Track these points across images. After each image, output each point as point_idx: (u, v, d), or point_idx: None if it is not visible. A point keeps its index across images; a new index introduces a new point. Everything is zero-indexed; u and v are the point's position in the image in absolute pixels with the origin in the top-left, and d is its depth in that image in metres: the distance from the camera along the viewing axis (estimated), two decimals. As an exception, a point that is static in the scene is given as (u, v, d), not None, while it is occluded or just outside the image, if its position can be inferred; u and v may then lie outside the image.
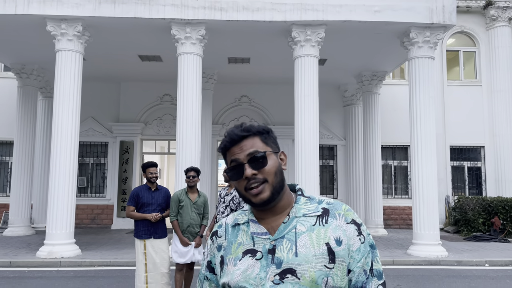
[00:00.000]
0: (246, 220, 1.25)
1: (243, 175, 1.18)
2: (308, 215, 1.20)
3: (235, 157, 1.21)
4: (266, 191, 1.17)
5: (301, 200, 1.24)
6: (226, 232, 1.27)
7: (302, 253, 1.13)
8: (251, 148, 1.20)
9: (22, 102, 11.84)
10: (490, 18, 14.05)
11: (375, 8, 8.78)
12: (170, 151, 14.29)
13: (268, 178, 1.17)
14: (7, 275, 7.15)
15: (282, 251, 1.14)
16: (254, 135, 1.23)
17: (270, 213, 1.22)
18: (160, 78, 13.20)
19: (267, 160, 1.19)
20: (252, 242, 1.19)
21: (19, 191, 11.60)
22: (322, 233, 1.16)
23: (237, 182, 1.21)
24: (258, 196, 1.17)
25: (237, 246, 1.21)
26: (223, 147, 1.25)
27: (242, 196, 1.21)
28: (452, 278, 7.23)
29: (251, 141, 1.22)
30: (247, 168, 1.18)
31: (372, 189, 12.42)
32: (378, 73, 12.42)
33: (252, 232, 1.21)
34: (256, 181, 1.17)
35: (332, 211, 1.21)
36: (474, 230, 12.02)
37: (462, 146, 14.14)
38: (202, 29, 8.84)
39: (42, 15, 8.51)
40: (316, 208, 1.22)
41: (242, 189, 1.20)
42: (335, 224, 1.18)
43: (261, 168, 1.18)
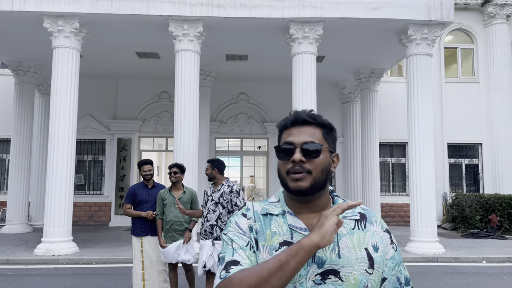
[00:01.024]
0: (281, 212, 1.20)
1: (291, 158, 1.15)
2: (347, 217, 1.18)
3: (291, 138, 1.18)
4: (306, 181, 1.13)
5: (339, 201, 1.22)
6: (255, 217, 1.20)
7: (345, 255, 1.11)
8: (310, 136, 1.17)
9: (19, 100, 11.79)
10: (488, 15, 14.05)
11: (373, 5, 8.77)
12: (168, 149, 14.27)
13: (313, 171, 1.14)
14: (5, 273, 7.14)
15: (325, 250, 1.11)
16: (318, 125, 1.20)
17: (307, 208, 1.18)
18: (157, 75, 13.16)
19: (320, 154, 1.16)
20: (290, 235, 1.14)
21: (16, 189, 11.57)
22: (362, 237, 1.16)
23: (282, 162, 1.18)
24: (297, 183, 1.14)
25: (272, 235, 1.16)
26: (283, 123, 1.22)
27: (281, 178, 1.18)
28: (449, 274, 7.25)
29: (313, 130, 1.19)
30: (298, 152, 1.15)
31: (370, 186, 12.43)
32: (376, 70, 12.42)
33: (290, 224, 1.16)
34: (300, 170, 1.14)
35: (369, 217, 1.21)
36: (471, 227, 12.06)
37: (459, 143, 14.17)
38: (199, 26, 8.82)
39: (38, 11, 8.46)
40: (353, 212, 1.20)
41: (284, 171, 1.16)
42: (372, 230, 1.19)
43: (311, 159, 1.15)
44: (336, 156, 1.24)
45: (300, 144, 1.16)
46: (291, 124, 1.20)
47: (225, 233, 1.20)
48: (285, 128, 1.22)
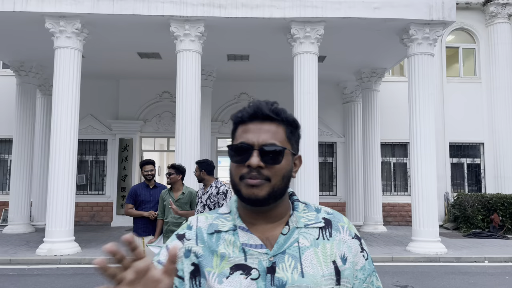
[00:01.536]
0: (231, 227, 1.00)
1: (247, 161, 0.96)
2: (310, 226, 1.01)
3: (247, 138, 0.98)
4: (263, 190, 0.95)
5: (300, 207, 1.04)
6: (197, 237, 1.00)
7: (309, 273, 0.94)
8: (271, 137, 0.98)
9: (21, 100, 11.82)
10: (489, 15, 14.03)
11: (375, 4, 8.76)
12: (169, 149, 14.28)
13: (272, 178, 0.96)
14: (7, 273, 7.16)
15: (285, 270, 0.94)
16: (282, 122, 1.01)
17: (263, 219, 1.00)
18: (159, 75, 13.17)
19: (282, 159, 0.97)
20: (243, 256, 0.96)
21: (18, 189, 11.59)
22: (328, 249, 0.99)
23: (234, 166, 0.98)
24: (252, 190, 0.95)
25: (220, 258, 0.96)
26: (240, 116, 1.02)
27: (234, 184, 0.99)
28: (451, 274, 7.24)
29: (275, 128, 1.00)
30: (255, 156, 0.95)
31: (372, 186, 12.43)
32: (377, 70, 12.41)
33: (243, 243, 0.97)
34: (257, 176, 0.95)
35: (335, 222, 1.03)
36: (473, 227, 12.04)
37: (461, 143, 14.15)
38: (201, 26, 8.82)
39: (40, 12, 8.48)
40: (317, 218, 1.03)
41: (237, 176, 0.97)
42: (339, 238, 1.01)
43: (271, 165, 0.96)
44: (299, 158, 1.05)
45: (258, 146, 0.96)
46: (249, 119, 1.00)
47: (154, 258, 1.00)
48: (241, 122, 1.01)
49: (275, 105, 1.03)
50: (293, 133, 1.03)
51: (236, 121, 1.03)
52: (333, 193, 14.13)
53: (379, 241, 10.27)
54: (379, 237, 10.99)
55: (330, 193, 14.12)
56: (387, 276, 7.00)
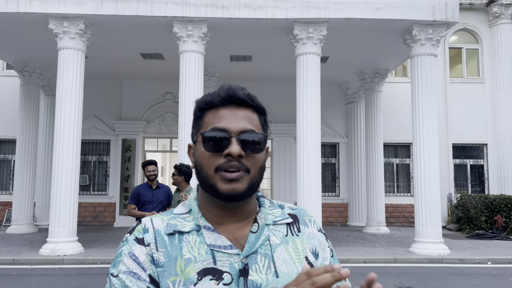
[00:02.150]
0: (194, 227, 0.89)
1: (225, 150, 0.85)
2: (278, 222, 0.94)
3: (224, 124, 0.87)
4: (243, 183, 0.85)
5: (266, 203, 0.97)
6: (157, 241, 0.87)
7: (283, 273, 0.87)
8: (249, 123, 0.89)
9: (24, 100, 11.87)
10: (493, 15, 13.99)
11: (378, 5, 8.75)
12: (172, 149, 14.30)
13: (251, 170, 0.87)
14: (10, 273, 7.18)
15: (259, 271, 0.85)
16: (255, 109, 0.92)
17: (232, 217, 0.90)
18: (162, 76, 13.20)
19: (263, 147, 0.90)
20: (212, 259, 0.85)
21: (22, 189, 11.63)
22: (299, 244, 0.93)
23: (208, 155, 0.87)
24: (232, 184, 0.85)
25: (185, 264, 0.84)
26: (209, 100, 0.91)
27: (205, 177, 0.88)
28: (454, 276, 7.22)
29: (250, 114, 0.91)
30: (235, 143, 0.85)
31: (374, 187, 12.40)
32: (380, 71, 12.40)
33: (210, 245, 0.86)
34: (238, 166, 0.85)
35: (301, 217, 0.98)
36: (476, 228, 12.00)
37: (464, 144, 14.11)
38: (203, 27, 8.84)
39: (44, 13, 8.51)
40: (283, 214, 0.96)
41: (211, 168, 0.86)
42: (308, 232, 0.96)
43: (253, 153, 0.87)
44: (267, 150, 0.94)
45: (237, 132, 0.86)
46: (222, 103, 0.89)
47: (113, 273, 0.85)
48: (211, 107, 0.90)
49: (247, 91, 0.92)
50: (265, 122, 0.95)
51: (204, 106, 0.91)
52: (336, 194, 14.11)
53: (382, 242, 10.26)
54: (381, 238, 10.97)
55: (332, 194, 14.10)
56: (390, 277, 6.99)
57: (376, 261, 8.30)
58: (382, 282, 6.64)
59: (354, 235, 11.46)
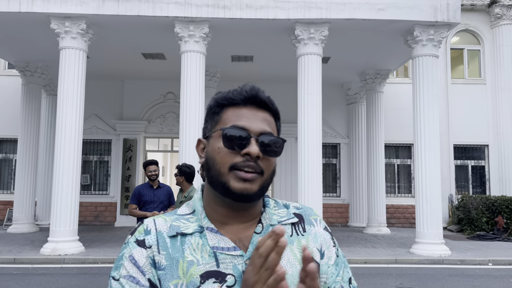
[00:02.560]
0: (197, 229, 0.88)
1: (244, 149, 0.84)
2: (284, 222, 0.93)
3: (245, 123, 0.86)
4: (256, 184, 0.85)
5: (271, 203, 0.96)
6: (159, 243, 0.86)
7: (288, 274, 0.85)
8: (268, 126, 0.88)
9: (26, 100, 11.89)
10: (494, 16, 13.97)
11: (379, 6, 8.75)
12: (173, 149, 14.31)
13: (265, 172, 0.86)
14: (11, 272, 7.19)
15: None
16: (273, 114, 0.92)
17: (238, 218, 0.89)
18: (163, 76, 13.21)
19: (280, 151, 0.89)
20: (215, 261, 0.84)
21: (23, 188, 11.65)
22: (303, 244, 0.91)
23: (225, 152, 0.86)
24: (245, 184, 0.84)
25: (187, 266, 0.83)
26: (230, 97, 0.90)
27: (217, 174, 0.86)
28: (455, 277, 7.22)
29: (269, 117, 0.90)
30: (254, 144, 0.85)
31: (375, 187, 12.40)
32: (381, 72, 12.39)
33: (213, 247, 0.85)
34: (254, 167, 0.84)
35: (307, 216, 0.97)
36: (477, 229, 11.99)
37: (466, 145, 14.09)
38: (205, 27, 8.84)
39: (46, 13, 8.53)
40: (288, 214, 0.95)
41: (226, 165, 0.85)
42: (314, 232, 0.95)
43: (270, 156, 0.87)
44: None
45: (257, 134, 0.86)
46: (244, 102, 0.89)
47: (114, 276, 0.85)
48: (232, 104, 0.90)
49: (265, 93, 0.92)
50: (279, 127, 0.95)
51: (224, 102, 0.90)
52: (337, 195, 14.11)
53: (383, 243, 10.25)
54: (382, 239, 10.96)
55: (333, 194, 14.10)
56: (390, 278, 6.99)
57: (376, 261, 8.29)
58: (383, 283, 6.64)
59: (355, 236, 11.46)
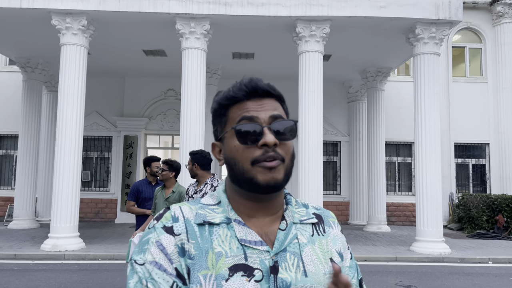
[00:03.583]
0: (224, 220, 0.86)
1: (260, 141, 0.83)
2: (304, 222, 0.92)
3: (253, 113, 0.85)
4: (280, 172, 0.83)
5: (293, 201, 0.95)
6: (188, 231, 0.84)
7: (312, 272, 0.86)
8: (276, 111, 0.87)
9: (27, 96, 11.89)
10: (496, 15, 13.93)
11: (381, 3, 8.73)
12: (174, 146, 14.31)
13: (285, 158, 0.85)
14: (12, 268, 7.21)
15: (288, 269, 0.84)
16: (278, 98, 0.91)
17: (263, 210, 0.88)
18: (164, 73, 13.20)
19: (295, 133, 0.87)
20: (243, 254, 0.83)
21: (23, 185, 11.66)
22: (324, 245, 0.92)
23: (242, 148, 0.84)
24: (271, 174, 0.82)
25: (216, 258, 0.82)
26: (232, 96, 0.88)
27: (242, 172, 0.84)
28: (455, 275, 7.22)
29: (275, 103, 0.89)
30: (268, 132, 0.83)
31: (376, 185, 12.40)
32: (383, 69, 12.37)
33: (241, 239, 0.84)
34: (275, 156, 0.83)
35: (326, 218, 0.97)
36: (477, 228, 11.99)
37: (466, 143, 14.08)
38: (206, 24, 8.83)
39: (47, 9, 8.51)
40: (308, 214, 0.95)
41: (247, 162, 0.83)
42: (333, 234, 0.95)
43: (284, 141, 0.85)
44: None
45: (268, 122, 0.85)
46: (246, 96, 0.87)
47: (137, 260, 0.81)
48: (235, 102, 0.88)
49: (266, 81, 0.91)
50: (287, 110, 0.94)
51: (227, 102, 0.89)
52: (337, 192, 14.11)
53: (383, 241, 10.26)
54: (382, 237, 10.97)
55: (334, 192, 14.10)
56: (390, 276, 6.99)
57: (377, 259, 8.30)
58: (383, 281, 6.64)
59: (355, 234, 11.47)
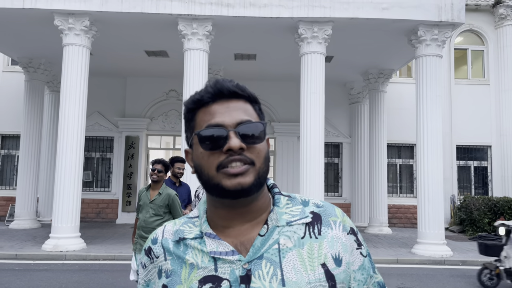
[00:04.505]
0: (198, 234, 0.85)
1: (224, 146, 0.80)
2: (294, 223, 0.85)
3: (218, 119, 0.82)
4: (249, 176, 0.80)
5: (282, 201, 0.89)
6: (165, 251, 0.87)
7: (291, 281, 0.79)
8: (244, 114, 0.84)
9: (29, 96, 11.91)
10: (499, 17, 13.92)
11: (383, 5, 8.72)
12: (175, 147, 14.32)
13: (256, 162, 0.81)
14: (13, 268, 7.21)
15: (262, 278, 0.79)
16: (248, 99, 0.87)
17: (239, 217, 0.84)
18: (166, 73, 13.21)
19: (264, 136, 0.84)
20: (213, 265, 0.81)
21: (25, 185, 11.68)
22: (316, 249, 0.83)
23: (207, 155, 0.82)
24: (238, 179, 0.79)
25: (189, 270, 0.82)
26: (197, 99, 0.85)
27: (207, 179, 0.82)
28: (456, 277, 7.20)
29: (243, 105, 0.86)
30: (233, 137, 0.80)
31: (377, 187, 12.38)
32: (384, 71, 12.36)
33: (211, 252, 0.82)
34: (241, 159, 0.80)
35: (325, 217, 0.88)
36: (479, 230, 11.96)
37: (468, 146, 14.05)
38: (208, 25, 8.83)
39: (49, 9, 8.53)
40: (303, 212, 0.87)
41: (213, 168, 0.81)
42: (331, 235, 0.86)
43: (253, 144, 0.82)
44: (267, 140, 0.88)
45: (233, 125, 0.81)
46: (212, 99, 0.84)
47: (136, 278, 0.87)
48: (202, 105, 0.85)
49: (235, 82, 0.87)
50: (260, 111, 0.90)
51: (193, 106, 0.86)
52: (339, 194, 14.10)
53: (384, 243, 10.24)
54: (384, 239, 10.95)
55: (335, 194, 14.08)
56: (391, 278, 6.97)
57: (378, 261, 8.28)
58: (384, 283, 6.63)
59: (356, 235, 11.43)
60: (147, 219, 4.35)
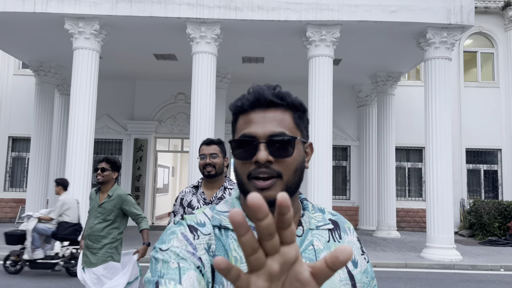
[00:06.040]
0: None
1: (253, 157, 0.83)
2: (321, 227, 0.92)
3: (251, 130, 0.84)
4: (275, 189, 0.82)
5: (309, 206, 0.95)
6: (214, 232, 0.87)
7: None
8: (278, 125, 0.85)
9: (39, 99, 12.04)
10: (508, 19, 13.80)
11: (392, 8, 8.70)
12: (183, 150, 14.38)
13: (284, 174, 0.83)
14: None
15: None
16: (288, 108, 0.88)
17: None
18: (174, 76, 13.29)
19: (293, 150, 0.84)
20: None
21: (35, 187, 11.79)
22: None
23: (240, 163, 0.86)
24: (264, 192, 0.82)
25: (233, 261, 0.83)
26: (239, 105, 0.88)
27: (241, 184, 0.86)
28: (466, 282, 7.13)
29: (281, 115, 0.86)
30: (263, 149, 0.82)
31: (386, 190, 12.31)
32: (393, 74, 12.31)
33: None
34: (268, 172, 0.82)
35: (341, 224, 0.97)
36: (489, 234, 11.83)
37: (478, 149, 13.92)
38: (217, 28, 8.88)
39: (60, 13, 8.64)
40: (324, 219, 0.94)
41: (244, 175, 0.85)
42: (348, 240, 0.95)
43: (281, 158, 0.83)
44: (310, 146, 0.92)
45: (265, 137, 0.83)
46: (251, 107, 0.87)
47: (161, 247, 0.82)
48: (242, 112, 0.88)
49: (278, 89, 0.88)
50: (301, 119, 0.90)
51: (236, 111, 0.89)
52: (347, 197, 14.04)
53: (393, 247, 10.17)
54: (392, 243, 10.88)
55: (343, 197, 14.03)
56: (400, 282, 6.93)
57: (386, 265, 8.23)
58: (393, 287, 6.59)
59: (364, 239, 11.39)
60: (94, 225, 3.85)
